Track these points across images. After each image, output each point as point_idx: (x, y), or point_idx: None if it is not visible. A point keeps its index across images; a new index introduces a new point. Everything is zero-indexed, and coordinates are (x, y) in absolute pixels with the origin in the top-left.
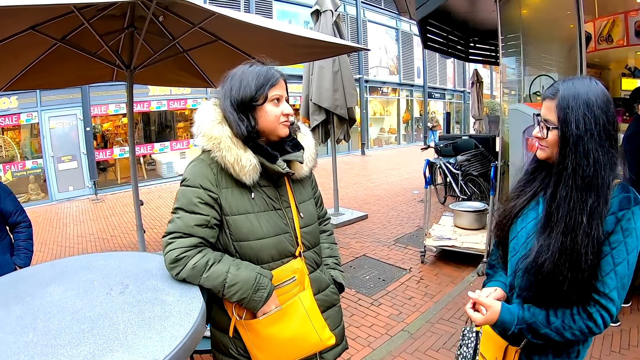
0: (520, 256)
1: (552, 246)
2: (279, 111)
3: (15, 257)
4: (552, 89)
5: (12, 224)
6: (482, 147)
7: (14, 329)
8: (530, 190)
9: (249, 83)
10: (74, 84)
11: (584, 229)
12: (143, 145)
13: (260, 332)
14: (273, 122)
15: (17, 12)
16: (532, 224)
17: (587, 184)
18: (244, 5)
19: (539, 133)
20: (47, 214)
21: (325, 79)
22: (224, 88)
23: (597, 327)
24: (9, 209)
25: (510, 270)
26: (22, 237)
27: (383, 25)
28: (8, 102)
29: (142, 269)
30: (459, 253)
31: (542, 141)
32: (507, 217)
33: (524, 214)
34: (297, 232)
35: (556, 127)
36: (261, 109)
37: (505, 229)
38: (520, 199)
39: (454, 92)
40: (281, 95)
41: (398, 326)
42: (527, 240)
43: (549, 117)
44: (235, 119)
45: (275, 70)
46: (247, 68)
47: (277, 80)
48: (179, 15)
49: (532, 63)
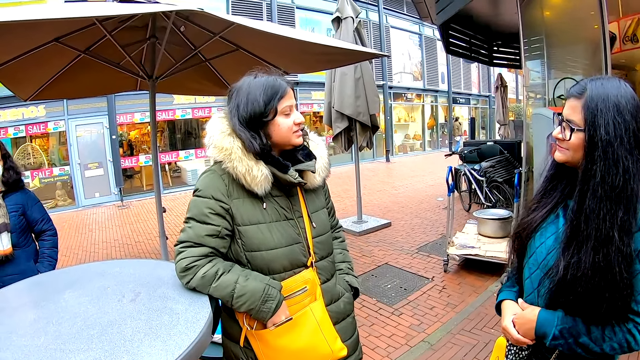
0: (542, 274)
1: (583, 263)
2: (290, 122)
3: (40, 264)
4: (579, 87)
5: (37, 232)
6: (507, 153)
7: (27, 332)
8: (550, 201)
9: (256, 98)
10: (98, 93)
11: (616, 245)
12: (168, 153)
13: (271, 343)
14: (286, 134)
15: (41, 25)
16: (551, 239)
17: (617, 194)
18: (266, 13)
19: (560, 134)
20: (73, 220)
21: (347, 86)
22: (230, 105)
23: (636, 343)
24: (36, 217)
25: (530, 289)
26: (47, 245)
27: (406, 30)
28: (36, 110)
29: (155, 277)
30: (483, 262)
31: (562, 143)
32: (526, 231)
33: (543, 228)
34: (309, 242)
35: (581, 130)
36: (272, 123)
37: (524, 244)
38: (539, 211)
39: (479, 97)
40: (291, 105)
41: (418, 337)
42: (547, 256)
43: (573, 117)
44: (247, 137)
45: (281, 79)
46: (252, 80)
47: (285, 90)
48: (199, 25)
49: (556, 66)
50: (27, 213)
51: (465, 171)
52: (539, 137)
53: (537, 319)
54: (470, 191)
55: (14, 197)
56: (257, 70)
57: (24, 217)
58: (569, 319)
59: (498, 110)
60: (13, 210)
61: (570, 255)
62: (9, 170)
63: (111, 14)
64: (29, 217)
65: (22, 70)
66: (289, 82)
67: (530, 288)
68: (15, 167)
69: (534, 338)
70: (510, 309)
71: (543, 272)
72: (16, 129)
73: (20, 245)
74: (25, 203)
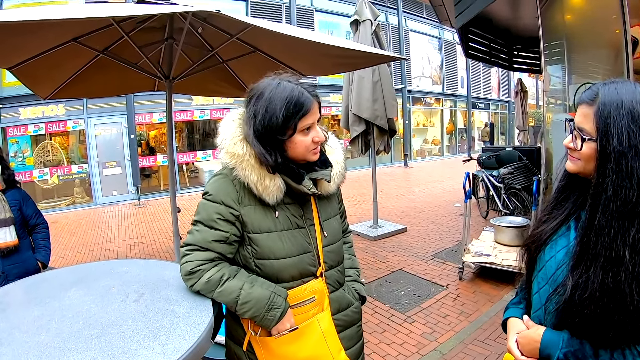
0: (551, 289)
1: (591, 283)
2: (308, 140)
3: (37, 253)
4: (590, 93)
5: (32, 226)
6: (527, 160)
7: (29, 328)
8: (561, 213)
9: (275, 113)
10: (116, 93)
11: (626, 265)
12: (186, 153)
13: (274, 350)
14: (302, 153)
15: (59, 25)
16: (562, 253)
17: (630, 210)
18: (285, 16)
19: (571, 143)
20: (90, 217)
21: (364, 89)
22: (248, 110)
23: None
24: (30, 212)
25: (538, 304)
26: (41, 236)
27: (425, 34)
28: (56, 109)
29: (160, 278)
30: (499, 270)
31: (573, 152)
32: (535, 244)
33: (553, 241)
34: (319, 251)
35: (593, 139)
36: (289, 141)
37: (534, 257)
38: (550, 223)
39: (499, 102)
40: (313, 123)
41: (430, 345)
42: (556, 271)
43: (584, 125)
44: (261, 151)
45: (308, 94)
46: (275, 87)
47: (309, 108)
48: (216, 26)
49: (576, 71)
50: (23, 208)
51: (483, 177)
52: (558, 144)
53: (541, 339)
54: (488, 198)
55: (11, 193)
56: (282, 73)
57: (20, 212)
58: (575, 342)
59: (517, 116)
60: (12, 205)
61: (579, 275)
62: (6, 169)
63: (128, 15)
64: (24, 212)
65: (41, 69)
66: (316, 94)
67: (539, 304)
68: (9, 166)
69: (538, 359)
70: (515, 328)
71: (552, 288)
72: (36, 127)
73: (20, 237)
74: (21, 199)
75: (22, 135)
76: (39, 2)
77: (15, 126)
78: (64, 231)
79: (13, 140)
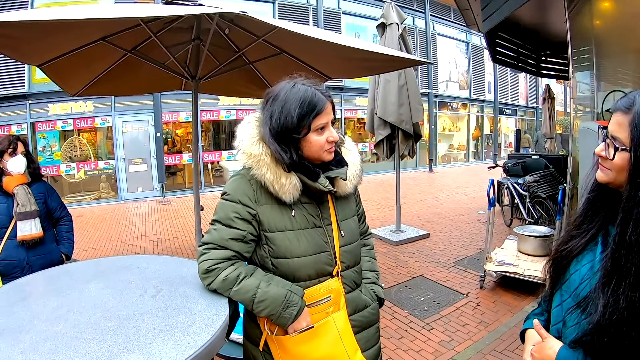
0: (573, 303)
1: (620, 302)
2: (323, 140)
3: (61, 245)
4: (626, 101)
5: (56, 218)
6: (553, 168)
7: (48, 318)
8: (591, 227)
9: (290, 112)
10: (144, 91)
11: None
12: (211, 153)
13: (290, 350)
14: (317, 151)
15: (88, 24)
16: (586, 268)
17: None
18: (312, 19)
19: (603, 152)
20: (115, 212)
21: (390, 93)
22: (264, 112)
23: None
24: (55, 205)
25: (559, 317)
26: (65, 229)
27: (453, 38)
28: (84, 106)
29: (178, 275)
30: (520, 280)
31: (605, 162)
32: (565, 260)
33: (580, 255)
34: (336, 251)
35: (627, 149)
36: (304, 140)
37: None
38: (581, 238)
39: (526, 109)
40: (327, 123)
41: (447, 354)
42: (579, 286)
43: (618, 134)
44: (277, 149)
45: (321, 94)
46: (289, 89)
47: (323, 107)
48: (243, 28)
49: (605, 77)
50: (48, 201)
51: (508, 185)
52: (585, 152)
53: (555, 358)
54: (513, 206)
55: (37, 186)
56: (297, 76)
57: (45, 204)
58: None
59: (545, 123)
60: (37, 198)
61: (610, 292)
62: (32, 163)
63: (156, 15)
64: (49, 205)
65: (70, 67)
66: (329, 95)
67: (559, 316)
68: (35, 159)
69: None
70: (533, 340)
71: (574, 302)
72: (64, 123)
73: (45, 229)
74: (46, 192)
75: (51, 131)
76: (69, 2)
77: (44, 121)
78: (89, 225)
79: (42, 135)
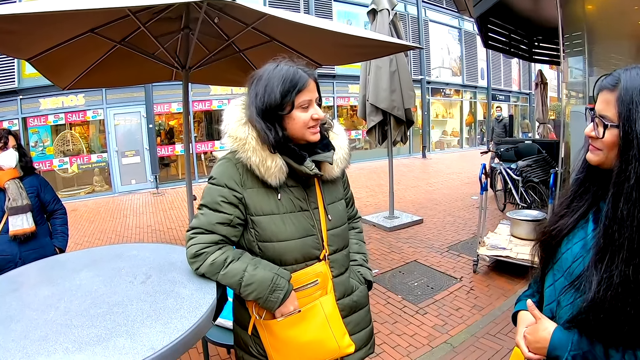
0: (566, 282)
1: (614, 278)
2: (307, 117)
3: (55, 239)
4: (612, 79)
5: (50, 212)
6: (546, 153)
7: (39, 306)
8: (581, 205)
9: (273, 90)
10: (134, 83)
11: None
12: (204, 143)
13: (278, 334)
14: (301, 129)
15: (75, 16)
16: (578, 246)
17: None
18: (303, 6)
19: (592, 132)
20: (109, 205)
21: (382, 80)
22: (249, 93)
23: None
24: (49, 198)
25: (552, 297)
26: (59, 222)
27: (445, 24)
28: (75, 99)
29: (168, 261)
30: (513, 264)
31: (595, 142)
32: (555, 239)
33: (571, 233)
34: (323, 235)
35: (616, 126)
36: (288, 117)
37: (551, 252)
38: (571, 216)
39: (519, 95)
40: (310, 100)
41: (441, 337)
42: (572, 264)
43: (606, 112)
44: (262, 127)
45: (303, 71)
46: (272, 70)
47: (305, 84)
48: (232, 16)
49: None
50: (41, 195)
51: (501, 170)
52: (576, 137)
53: (550, 339)
54: (505, 191)
55: (29, 180)
56: (280, 59)
57: (38, 198)
58: (585, 342)
59: (537, 108)
60: (30, 192)
61: (603, 269)
62: (24, 157)
63: (144, 5)
64: (42, 198)
65: (60, 60)
66: (312, 73)
67: (552, 296)
68: (27, 153)
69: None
70: (525, 322)
71: (567, 281)
72: (56, 117)
73: (38, 224)
74: (39, 185)
75: (43, 125)
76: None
77: (35, 116)
78: (83, 219)
79: (34, 130)
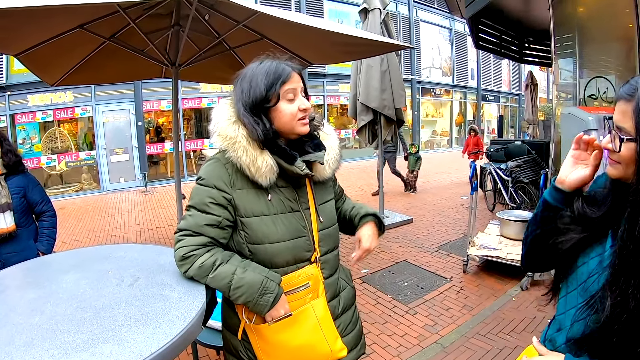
0: (580, 298)
1: (629, 302)
2: (294, 108)
3: (39, 243)
4: (628, 87)
5: (38, 213)
6: (535, 153)
7: (24, 310)
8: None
9: (258, 84)
10: (124, 79)
11: None
12: (194, 141)
13: (269, 338)
14: (290, 121)
15: (64, 11)
16: (595, 261)
17: None
18: (295, 4)
19: (609, 144)
20: (97, 203)
21: (373, 79)
22: (235, 91)
23: None
24: (36, 199)
25: (562, 309)
26: (46, 225)
27: (436, 25)
28: (64, 96)
29: (156, 263)
30: (503, 264)
31: (613, 154)
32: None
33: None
34: (314, 236)
35: (632, 139)
36: (275, 109)
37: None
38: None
39: (509, 95)
40: (295, 89)
41: (431, 338)
42: (587, 280)
43: (623, 124)
44: (250, 122)
45: (286, 64)
46: (256, 66)
47: (289, 75)
48: (223, 13)
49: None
50: (28, 195)
51: (491, 170)
52: (567, 138)
53: None
54: (495, 191)
55: (16, 179)
56: (264, 56)
57: (25, 199)
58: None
59: (527, 109)
60: (15, 192)
61: (618, 291)
62: (7, 154)
63: (133, 0)
64: (29, 199)
65: (48, 56)
66: (295, 66)
67: (562, 308)
68: (14, 150)
69: None
70: None
71: (582, 297)
72: (44, 114)
73: (22, 225)
74: (26, 185)
75: (31, 122)
76: None
77: (23, 113)
78: (71, 217)
79: (21, 127)
